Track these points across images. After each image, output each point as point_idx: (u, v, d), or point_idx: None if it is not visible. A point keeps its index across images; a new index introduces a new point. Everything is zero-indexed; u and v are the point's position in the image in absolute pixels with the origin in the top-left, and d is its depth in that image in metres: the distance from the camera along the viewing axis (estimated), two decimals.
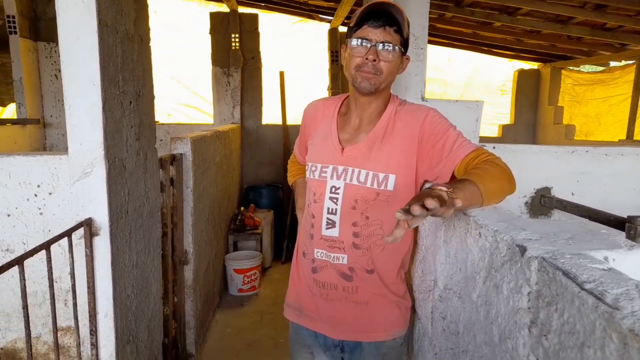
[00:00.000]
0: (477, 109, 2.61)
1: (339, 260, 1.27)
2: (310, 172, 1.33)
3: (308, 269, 1.34)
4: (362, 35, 1.18)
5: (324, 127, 1.35)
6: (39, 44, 4.41)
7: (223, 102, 5.19)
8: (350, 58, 1.21)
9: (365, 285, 1.27)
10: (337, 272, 1.28)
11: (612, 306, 0.54)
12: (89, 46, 1.39)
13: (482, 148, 1.18)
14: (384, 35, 1.17)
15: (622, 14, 4.26)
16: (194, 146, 2.64)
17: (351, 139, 1.29)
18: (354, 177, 1.24)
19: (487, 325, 0.88)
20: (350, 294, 1.28)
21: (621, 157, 2.61)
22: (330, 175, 1.27)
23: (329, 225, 1.27)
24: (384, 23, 1.16)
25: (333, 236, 1.27)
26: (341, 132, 1.31)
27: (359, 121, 1.29)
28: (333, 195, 1.26)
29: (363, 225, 1.24)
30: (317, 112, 1.40)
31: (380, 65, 1.18)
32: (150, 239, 1.90)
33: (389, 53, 1.18)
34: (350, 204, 1.24)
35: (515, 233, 0.82)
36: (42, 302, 1.69)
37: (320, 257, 1.30)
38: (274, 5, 5.72)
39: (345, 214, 1.25)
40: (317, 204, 1.29)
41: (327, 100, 1.42)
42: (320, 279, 1.31)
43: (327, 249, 1.28)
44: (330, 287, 1.29)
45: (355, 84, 1.21)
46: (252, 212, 4.56)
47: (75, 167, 1.46)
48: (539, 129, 6.25)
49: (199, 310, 2.91)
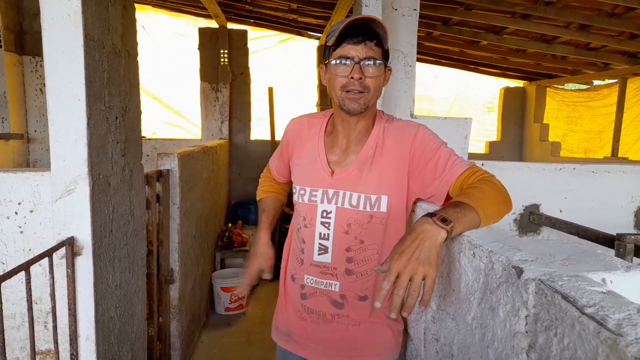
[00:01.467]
0: (465, 126, 2.63)
1: (330, 287, 1.23)
2: (298, 195, 1.28)
3: (297, 293, 1.30)
4: (343, 53, 1.13)
5: (311, 147, 1.29)
6: (24, 58, 4.36)
7: (211, 118, 5.17)
8: (335, 79, 1.16)
9: (357, 313, 1.23)
10: (328, 300, 1.24)
11: (615, 332, 0.52)
12: (74, 60, 1.36)
13: (475, 165, 1.16)
14: (366, 51, 1.13)
15: (605, 34, 4.37)
16: (181, 162, 2.61)
17: (340, 161, 1.24)
18: (345, 201, 1.20)
19: (483, 348, 0.85)
20: (340, 323, 1.24)
21: (608, 175, 2.64)
22: (321, 199, 1.23)
23: (321, 250, 1.23)
24: (363, 38, 1.12)
25: (325, 262, 1.22)
26: (330, 154, 1.27)
27: (346, 141, 1.25)
28: (325, 219, 1.22)
29: (357, 249, 1.20)
30: (301, 129, 1.34)
31: (366, 82, 1.14)
32: (135, 258, 1.85)
33: (374, 68, 1.14)
34: (343, 229, 1.20)
35: (510, 254, 0.80)
36: (20, 325, 1.62)
37: (310, 284, 1.26)
38: (263, 22, 5.76)
39: (338, 239, 1.21)
40: (308, 228, 1.25)
41: (312, 117, 1.36)
42: (309, 306, 1.27)
43: (318, 275, 1.24)
44: (320, 314, 1.26)
45: (344, 106, 1.17)
46: (240, 228, 4.50)
47: (58, 184, 1.41)
48: (525, 145, 6.34)
49: (185, 330, 2.84)
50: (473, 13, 4.15)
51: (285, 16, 5.30)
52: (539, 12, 3.93)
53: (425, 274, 0.87)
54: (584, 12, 3.98)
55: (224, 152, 4.83)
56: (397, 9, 2.53)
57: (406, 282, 0.87)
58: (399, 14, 2.55)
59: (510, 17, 4.20)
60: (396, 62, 2.58)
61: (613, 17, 3.95)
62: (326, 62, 1.20)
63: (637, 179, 2.66)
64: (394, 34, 2.54)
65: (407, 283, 0.87)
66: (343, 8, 3.69)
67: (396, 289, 0.87)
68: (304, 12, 5.02)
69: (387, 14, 2.50)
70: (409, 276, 0.87)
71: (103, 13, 1.49)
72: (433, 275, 0.88)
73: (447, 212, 0.96)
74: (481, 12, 4.17)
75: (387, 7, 2.50)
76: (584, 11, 3.97)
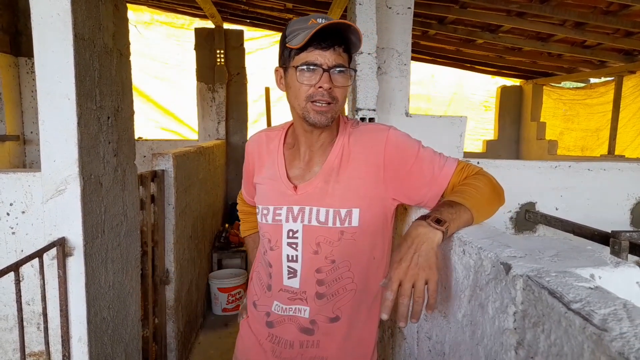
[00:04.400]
0: (460, 124, 2.63)
1: (299, 312, 1.13)
2: (262, 216, 1.17)
3: (261, 322, 1.21)
4: (310, 59, 1.00)
5: (270, 163, 1.19)
6: (20, 60, 4.34)
7: (208, 118, 5.16)
8: (298, 87, 1.03)
9: (327, 339, 1.14)
10: (296, 327, 1.14)
11: (600, 327, 0.52)
12: (64, 59, 1.35)
13: (462, 161, 1.11)
14: (335, 58, 1.01)
15: (600, 32, 4.37)
16: (176, 162, 2.60)
17: (304, 175, 1.14)
18: (312, 218, 1.09)
19: (473, 346, 0.85)
20: (308, 349, 1.15)
21: (603, 172, 2.64)
22: (286, 218, 1.11)
23: (291, 274, 1.13)
24: (332, 43, 1.00)
25: (294, 287, 1.13)
26: (291, 168, 1.16)
27: (309, 153, 1.14)
28: (291, 240, 1.11)
29: (328, 270, 1.11)
30: (260, 146, 1.24)
31: (335, 92, 1.02)
32: (129, 259, 1.84)
33: (344, 77, 1.03)
34: (312, 249, 1.10)
35: (499, 250, 0.79)
36: (13, 326, 1.61)
37: (277, 312, 1.16)
38: (259, 22, 5.75)
39: (306, 261, 1.10)
40: (274, 251, 1.14)
41: (269, 131, 1.25)
42: (277, 334, 1.17)
43: (286, 301, 1.14)
44: (286, 344, 1.16)
45: (309, 119, 1.04)
46: (237, 228, 4.49)
47: (49, 184, 1.40)
48: (522, 144, 6.34)
49: (181, 331, 2.83)
50: (468, 11, 4.15)
51: (281, 16, 5.29)
52: (534, 10, 3.93)
53: (427, 278, 0.86)
54: (579, 10, 3.98)
55: (221, 152, 4.82)
56: (392, 7, 2.53)
57: (409, 290, 0.85)
58: (394, 12, 2.54)
59: (505, 15, 4.20)
60: (391, 61, 2.57)
61: (608, 14, 3.96)
62: (285, 66, 1.08)
63: (633, 176, 2.66)
64: (388, 32, 2.54)
65: (411, 290, 0.85)
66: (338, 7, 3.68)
67: (401, 298, 0.85)
68: (300, 12, 5.02)
69: (382, 12, 2.49)
70: (411, 283, 0.85)
71: (93, 12, 1.48)
72: (435, 279, 0.86)
73: (442, 212, 0.94)
74: (476, 10, 4.17)
75: (381, 6, 2.49)
76: (579, 9, 3.98)
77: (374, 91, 2.36)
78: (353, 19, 2.37)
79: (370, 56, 2.35)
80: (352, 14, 2.39)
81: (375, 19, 2.34)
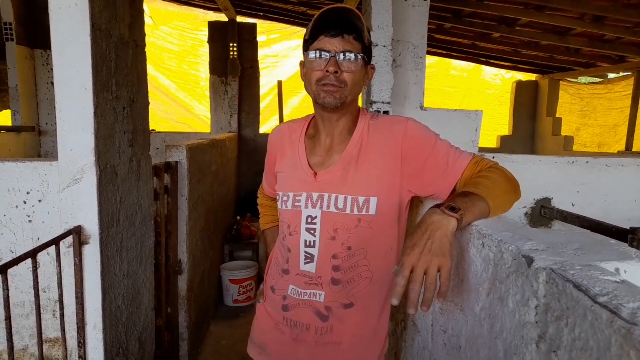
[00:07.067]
0: (476, 118, 2.60)
1: (315, 297, 1.16)
2: (281, 202, 1.21)
3: (277, 305, 1.24)
4: (319, 46, 1.07)
5: (291, 153, 1.23)
6: (36, 51, 4.38)
7: (220, 111, 5.17)
8: (310, 73, 1.10)
9: (341, 325, 1.17)
10: (312, 311, 1.17)
11: (629, 321, 0.50)
12: (81, 49, 1.36)
13: (476, 155, 1.11)
14: (343, 44, 1.07)
15: (620, 25, 4.27)
16: (189, 154, 2.61)
17: (323, 162, 1.17)
18: (331, 204, 1.12)
19: (492, 339, 0.84)
20: (322, 335, 1.17)
21: (622, 168, 2.59)
22: (305, 204, 1.15)
23: (308, 259, 1.16)
24: (341, 31, 1.06)
25: (310, 272, 1.16)
26: (311, 156, 1.19)
27: (329, 140, 1.18)
28: (310, 225, 1.14)
29: (344, 257, 1.13)
30: (282, 137, 1.28)
31: (343, 76, 1.08)
32: (143, 248, 1.85)
33: (351, 63, 1.08)
34: (329, 234, 1.13)
35: (520, 243, 0.78)
36: (29, 312, 1.63)
37: (293, 295, 1.19)
38: (272, 15, 5.73)
39: (323, 246, 1.13)
40: (293, 236, 1.18)
41: (292, 123, 1.30)
42: (292, 318, 1.20)
43: (302, 285, 1.17)
44: (302, 327, 1.19)
45: (319, 100, 1.10)
46: (248, 221, 4.51)
47: (65, 173, 1.41)
48: (537, 140, 6.25)
49: (193, 321, 2.85)
50: (485, 5, 4.09)
51: (294, 9, 5.27)
52: (553, 3, 3.85)
53: (440, 265, 0.84)
54: (599, 3, 3.89)
55: (233, 145, 4.83)
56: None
57: (421, 276, 0.84)
58: (409, 4, 2.51)
59: (522, 9, 4.13)
60: (406, 54, 2.54)
61: (630, 7, 3.86)
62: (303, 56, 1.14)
63: None
64: (404, 25, 2.51)
65: (422, 277, 0.84)
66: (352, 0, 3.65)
67: (411, 284, 0.84)
68: (314, 5, 4.99)
69: (397, 5, 2.46)
70: (423, 269, 0.84)
71: (110, 2, 1.48)
72: (448, 266, 0.85)
73: (456, 201, 0.94)
74: (493, 3, 4.10)
75: None
76: (599, 2, 3.89)
77: (388, 84, 2.34)
78: (368, 10, 2.34)
79: (385, 49, 2.33)
80: (368, 5, 2.36)
81: (390, 10, 2.31)
